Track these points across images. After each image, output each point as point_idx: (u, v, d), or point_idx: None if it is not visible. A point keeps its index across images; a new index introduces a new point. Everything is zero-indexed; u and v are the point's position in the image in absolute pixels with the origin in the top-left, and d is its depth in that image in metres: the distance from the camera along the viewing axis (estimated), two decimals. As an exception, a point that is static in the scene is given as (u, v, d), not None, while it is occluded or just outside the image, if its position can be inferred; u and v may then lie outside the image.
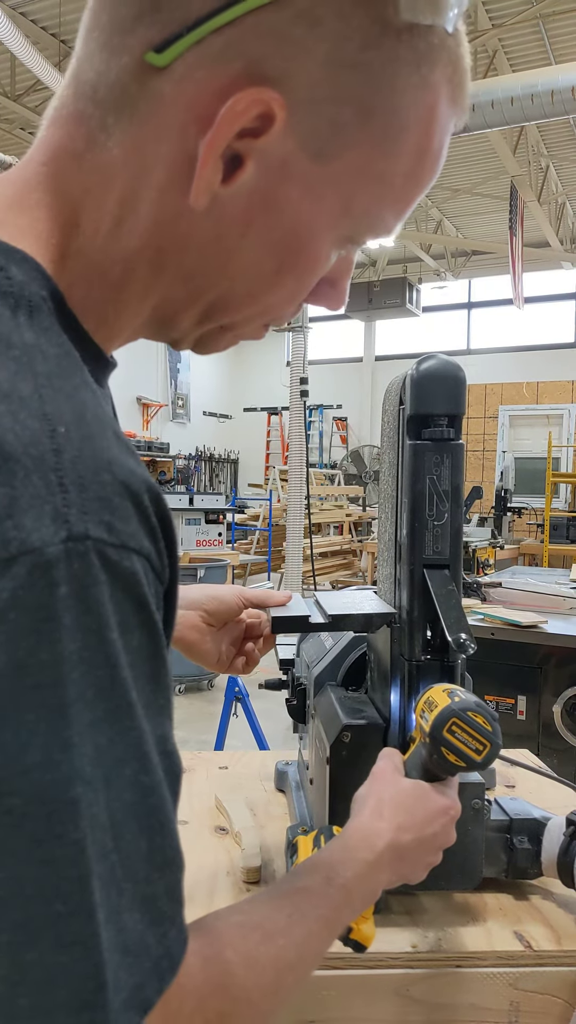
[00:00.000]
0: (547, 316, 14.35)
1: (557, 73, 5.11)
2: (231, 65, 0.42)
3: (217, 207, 0.45)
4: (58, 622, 0.35)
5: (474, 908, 0.92)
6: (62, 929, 0.35)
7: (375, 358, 16.09)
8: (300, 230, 0.47)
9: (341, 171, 0.46)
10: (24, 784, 0.34)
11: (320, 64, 0.42)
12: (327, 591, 1.04)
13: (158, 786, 0.40)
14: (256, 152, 0.44)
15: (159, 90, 0.43)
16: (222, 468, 16.84)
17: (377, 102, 0.45)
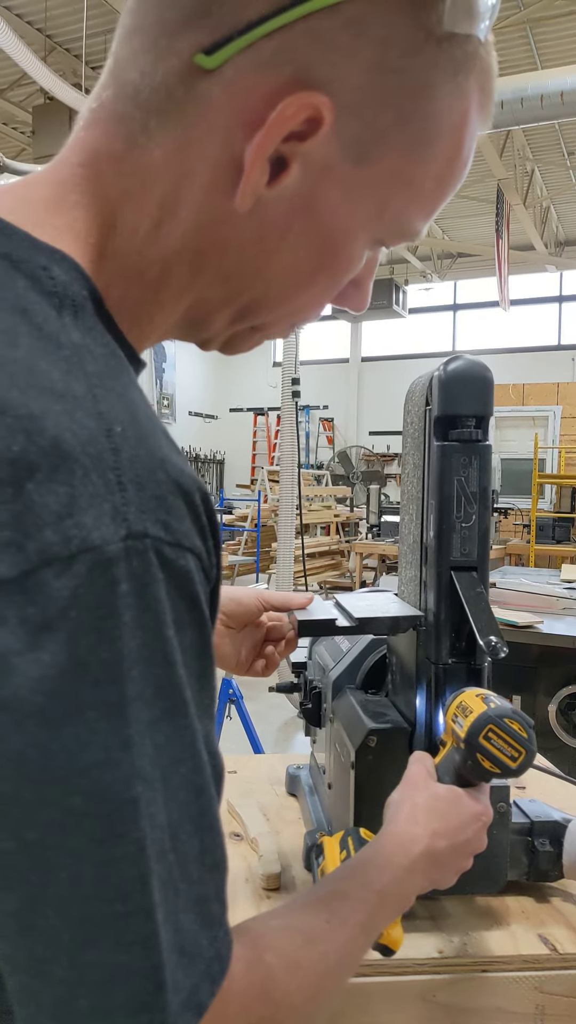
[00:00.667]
0: (531, 318, 14.45)
1: (547, 78, 5.15)
2: (281, 69, 0.42)
3: (260, 209, 0.45)
4: (119, 619, 0.34)
5: (497, 912, 0.92)
6: (122, 929, 0.35)
7: (361, 359, 16.12)
8: (337, 232, 0.48)
9: (378, 175, 0.46)
10: (85, 783, 0.34)
11: (365, 69, 0.43)
12: (346, 593, 1.04)
13: (207, 786, 0.40)
14: (301, 155, 0.44)
15: (206, 92, 0.43)
16: (208, 469, 16.79)
17: (415, 108, 0.45)
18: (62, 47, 8.17)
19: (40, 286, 0.40)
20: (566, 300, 14.40)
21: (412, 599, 0.90)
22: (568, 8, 7.20)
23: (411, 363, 15.46)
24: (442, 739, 0.77)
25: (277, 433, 16.36)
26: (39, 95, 8.27)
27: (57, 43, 8.09)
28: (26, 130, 9.55)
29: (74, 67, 8.24)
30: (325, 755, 1.07)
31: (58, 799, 0.34)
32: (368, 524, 9.49)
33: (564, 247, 13.66)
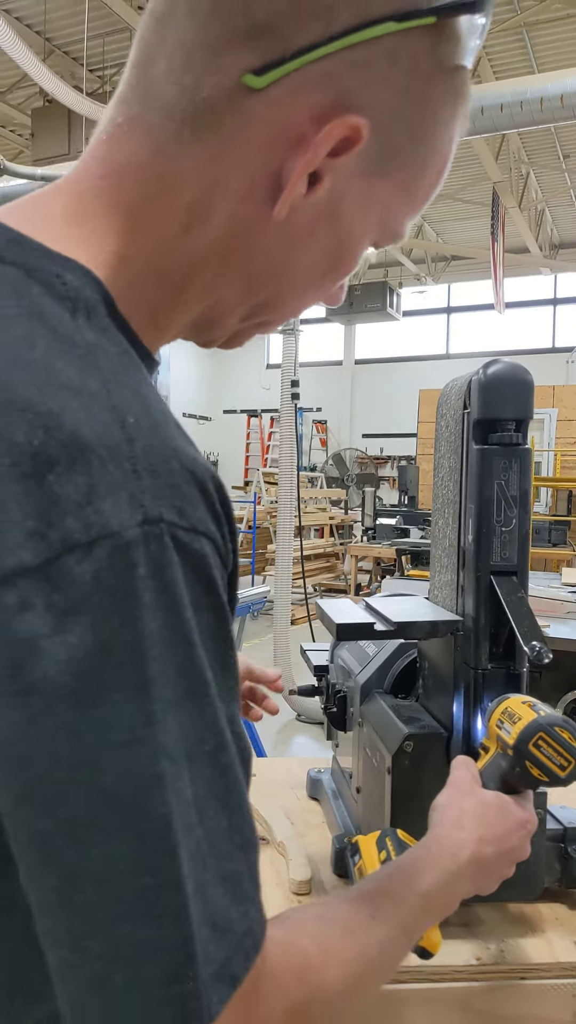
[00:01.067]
0: (526, 321, 14.50)
1: (546, 81, 5.15)
2: (325, 92, 0.45)
3: (290, 216, 0.48)
4: (139, 601, 0.36)
5: (531, 919, 0.91)
6: (152, 902, 0.36)
7: (355, 362, 16.14)
8: (350, 238, 0.52)
9: (389, 187, 0.51)
10: (112, 761, 0.36)
11: (394, 95, 0.48)
12: (377, 596, 1.03)
13: (233, 764, 0.41)
14: (332, 170, 0.48)
15: (250, 109, 0.46)
16: (201, 470, 16.75)
17: (425, 130, 0.50)
18: (60, 50, 8.15)
19: (54, 292, 0.42)
20: (560, 303, 14.46)
21: (448, 603, 0.89)
22: (565, 12, 7.23)
23: (404, 366, 15.49)
24: (483, 744, 0.76)
25: (271, 435, 16.36)
26: (38, 97, 8.26)
27: (56, 46, 8.07)
28: (24, 132, 9.52)
29: (72, 70, 8.22)
30: (352, 759, 1.07)
31: (88, 778, 0.35)
32: (363, 527, 9.49)
33: (559, 250, 13.72)
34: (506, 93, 5.31)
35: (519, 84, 5.33)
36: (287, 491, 4.86)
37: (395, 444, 15.40)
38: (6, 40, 5.24)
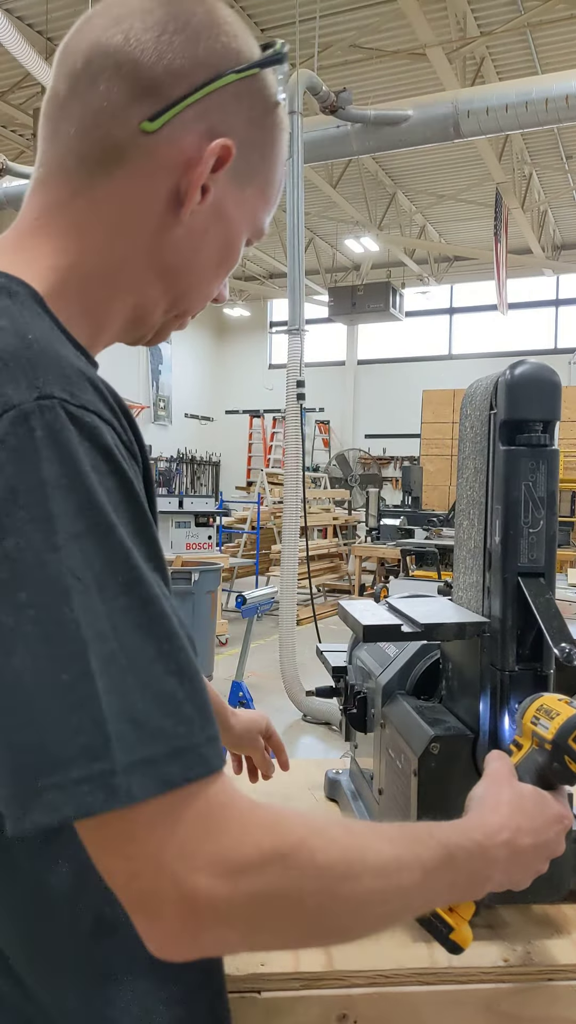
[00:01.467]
0: (527, 322, 14.50)
1: (552, 81, 5.15)
2: (201, 126, 0.62)
3: (190, 221, 0.64)
4: (38, 456, 0.46)
5: (555, 920, 0.91)
6: (68, 692, 0.44)
7: (357, 362, 16.14)
8: (233, 235, 0.68)
9: (253, 194, 0.68)
10: (26, 581, 0.45)
11: (245, 123, 0.65)
12: (397, 597, 1.03)
13: (158, 601, 0.48)
14: (215, 182, 0.64)
15: (149, 146, 0.61)
16: (204, 471, 16.77)
17: (267, 148, 0.68)
18: (62, 48, 8.15)
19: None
20: (563, 304, 14.46)
21: (473, 605, 0.89)
22: (568, 12, 7.23)
23: (407, 366, 15.48)
24: (516, 741, 0.76)
25: (273, 435, 16.36)
26: (39, 98, 8.24)
27: (57, 45, 8.07)
28: (26, 133, 9.52)
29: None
30: (373, 760, 1.07)
31: (7, 596, 0.45)
32: (367, 527, 9.49)
33: (561, 251, 13.70)
34: (511, 94, 5.31)
35: (524, 84, 5.33)
36: (292, 492, 4.85)
37: (398, 445, 15.39)
38: (8, 39, 5.24)
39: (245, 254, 7.29)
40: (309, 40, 7.00)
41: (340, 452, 14.11)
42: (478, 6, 7.38)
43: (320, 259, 14.76)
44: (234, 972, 0.80)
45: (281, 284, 15.40)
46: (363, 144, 6.11)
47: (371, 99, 7.88)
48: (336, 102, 5.49)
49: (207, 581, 5.26)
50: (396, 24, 7.45)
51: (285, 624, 4.93)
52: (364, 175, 11.03)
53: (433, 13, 7.06)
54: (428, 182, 11.63)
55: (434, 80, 7.85)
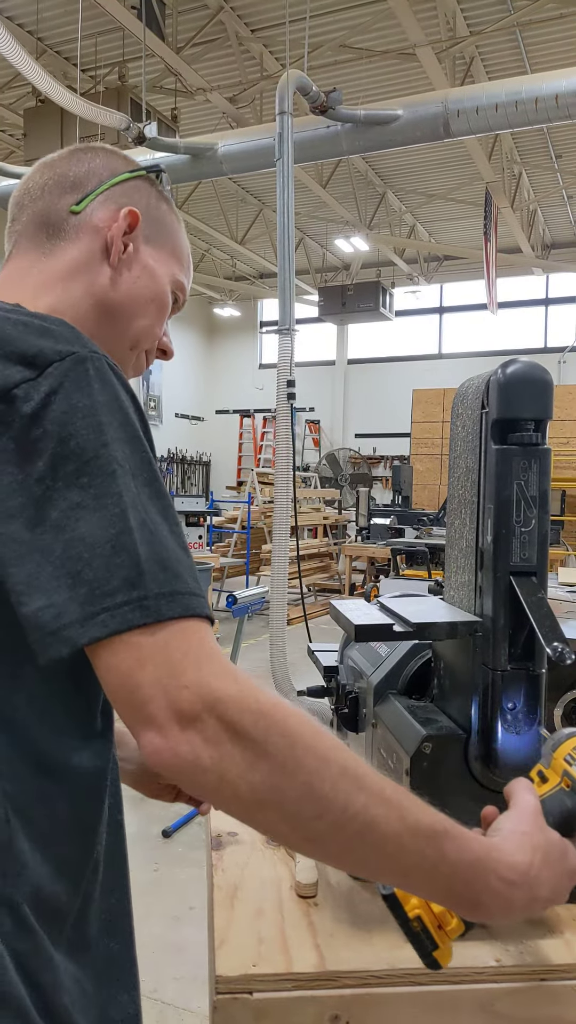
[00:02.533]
0: (517, 321, 14.54)
1: (541, 80, 5.16)
2: (113, 202, 0.86)
3: (122, 267, 0.85)
4: (91, 386, 0.63)
5: (548, 920, 0.91)
6: (116, 543, 0.58)
7: (347, 361, 16.14)
8: (158, 283, 0.88)
9: (166, 254, 0.90)
10: (86, 468, 0.60)
11: (146, 202, 0.88)
12: (388, 596, 1.02)
13: (168, 497, 0.65)
14: (132, 239, 0.86)
15: (79, 220, 0.85)
16: (194, 470, 16.74)
17: (167, 226, 0.91)
18: (52, 50, 8.12)
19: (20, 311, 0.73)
20: (552, 303, 14.51)
21: (465, 604, 0.89)
22: (558, 11, 7.25)
23: (397, 366, 15.50)
24: (542, 772, 0.75)
25: (263, 435, 16.35)
26: (30, 97, 8.20)
27: (48, 46, 8.03)
28: (16, 133, 9.46)
29: (64, 70, 8.19)
30: (364, 760, 1.06)
31: (74, 480, 0.60)
32: (357, 527, 9.49)
33: (551, 250, 13.75)
34: (500, 93, 5.32)
35: (514, 84, 5.34)
36: (283, 491, 4.85)
37: (388, 444, 15.41)
38: (3, 42, 5.20)
39: (235, 253, 7.31)
40: (299, 41, 6.99)
41: (330, 452, 14.11)
42: (467, 5, 7.39)
43: (310, 259, 14.75)
44: (226, 973, 0.80)
45: (271, 284, 15.39)
46: (353, 144, 6.11)
47: (361, 99, 7.88)
48: (326, 102, 5.48)
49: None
50: (386, 24, 7.45)
51: (275, 624, 4.92)
52: (354, 175, 11.03)
53: (423, 13, 7.06)
54: (418, 182, 11.64)
55: (424, 80, 7.86)
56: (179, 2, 7.39)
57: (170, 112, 8.33)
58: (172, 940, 2.61)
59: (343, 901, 0.94)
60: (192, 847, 3.40)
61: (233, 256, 14.56)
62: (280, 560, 4.82)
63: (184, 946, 2.59)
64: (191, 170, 7.07)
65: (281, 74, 4.85)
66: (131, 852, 0.82)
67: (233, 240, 13.08)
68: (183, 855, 3.33)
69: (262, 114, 8.63)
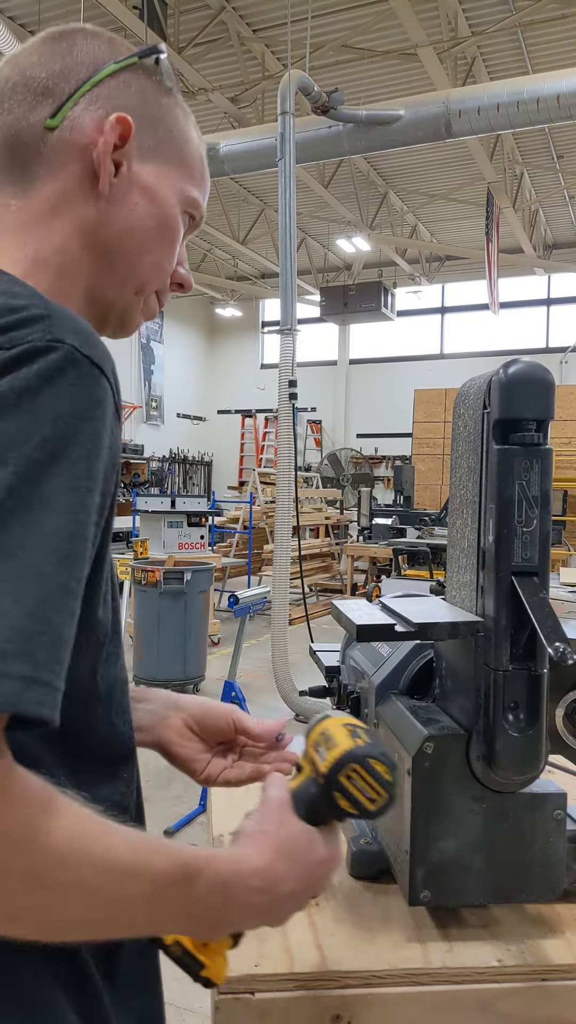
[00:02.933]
0: (519, 321, 14.53)
1: (543, 80, 5.16)
2: (96, 110, 0.71)
3: (114, 194, 0.71)
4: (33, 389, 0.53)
5: (548, 919, 0.91)
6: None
7: (349, 361, 16.14)
8: (163, 206, 0.74)
9: (173, 169, 0.75)
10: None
11: (139, 103, 0.73)
12: (390, 596, 1.02)
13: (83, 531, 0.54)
14: (126, 156, 0.72)
15: (55, 141, 0.70)
16: (196, 470, 16.75)
17: (172, 124, 0.76)
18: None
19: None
20: (555, 303, 14.50)
21: (466, 604, 0.89)
22: (560, 11, 7.24)
23: (399, 366, 15.49)
24: (299, 763, 0.72)
25: (265, 435, 16.35)
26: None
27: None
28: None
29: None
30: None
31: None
32: (359, 527, 9.49)
33: (553, 250, 13.74)
34: (502, 93, 5.32)
35: (515, 84, 5.34)
36: (285, 491, 4.85)
37: (390, 444, 15.41)
38: (1, 40, 5.21)
39: (236, 253, 7.32)
40: (300, 41, 6.99)
41: (332, 452, 14.11)
42: (469, 6, 7.39)
43: (312, 259, 14.75)
44: (228, 973, 0.80)
45: (272, 284, 15.39)
46: (355, 144, 6.11)
47: (362, 99, 7.88)
48: (328, 102, 5.49)
49: (199, 581, 5.25)
50: (387, 24, 7.45)
51: (277, 624, 4.92)
52: (356, 175, 11.03)
53: (424, 13, 7.06)
54: (419, 182, 11.64)
55: (425, 80, 7.86)
56: (181, 2, 7.39)
57: (172, 112, 8.34)
58: (174, 940, 2.61)
59: (344, 901, 0.94)
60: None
61: (235, 256, 14.56)
62: (282, 560, 4.82)
63: (185, 946, 2.59)
64: (193, 170, 7.07)
65: (283, 74, 4.86)
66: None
67: (235, 240, 13.08)
68: (185, 855, 3.33)
69: (263, 114, 8.63)
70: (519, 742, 0.83)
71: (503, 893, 0.89)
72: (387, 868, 0.97)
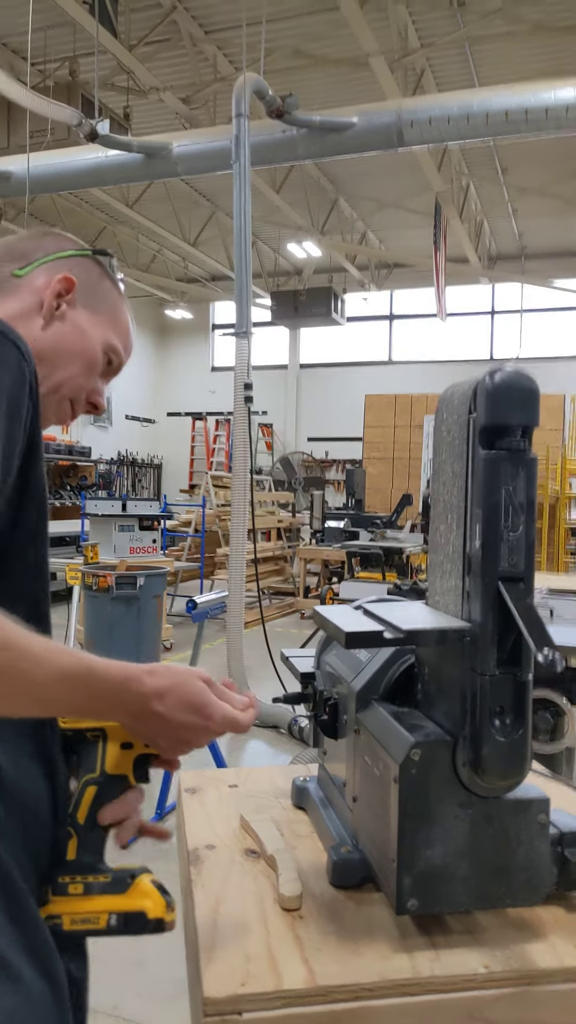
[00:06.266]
0: (465, 331, 14.79)
1: (492, 94, 5.27)
2: (52, 270, 1.01)
3: (55, 321, 1.00)
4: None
5: (531, 923, 0.91)
6: None
7: (300, 366, 16.20)
8: (90, 343, 1.02)
9: (103, 320, 1.04)
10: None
11: (85, 277, 1.04)
12: (371, 602, 1.02)
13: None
14: (65, 300, 1.00)
15: (19, 283, 1.00)
16: (145, 473, 16.56)
17: (106, 296, 1.05)
18: (0, 42, 7.96)
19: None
20: (498, 313, 14.80)
21: (451, 609, 0.89)
22: (506, 28, 7.41)
23: (349, 371, 15.61)
24: None
25: (216, 438, 16.27)
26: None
27: (13, 51, 7.88)
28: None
29: (12, 62, 8.04)
30: (346, 768, 1.05)
31: None
32: (312, 530, 9.51)
33: (497, 261, 14.04)
34: (453, 106, 5.41)
35: (466, 97, 5.44)
36: (240, 494, 4.82)
37: (341, 448, 15.50)
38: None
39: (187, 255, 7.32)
40: (255, 44, 6.99)
41: (284, 455, 14.11)
42: (419, 18, 7.50)
43: (263, 263, 14.76)
44: (214, 994, 0.78)
45: (223, 287, 15.35)
46: (309, 149, 6.14)
47: (315, 106, 7.91)
48: (282, 107, 5.50)
49: (153, 586, 5.18)
50: (340, 32, 7.51)
51: (232, 627, 4.89)
52: (307, 181, 11.08)
53: (376, 23, 7.14)
54: (369, 189, 11.76)
55: (376, 89, 7.94)
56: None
57: (122, 110, 8.25)
58: (132, 955, 2.56)
59: (328, 913, 0.93)
60: (150, 859, 3.33)
61: (185, 258, 14.47)
62: (237, 563, 4.80)
63: (144, 960, 2.54)
64: (144, 169, 7.01)
65: (235, 77, 4.85)
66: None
67: (185, 242, 13.01)
68: (141, 865, 3.28)
69: (215, 116, 8.61)
70: (505, 747, 0.83)
71: (489, 898, 0.89)
72: (369, 876, 0.97)
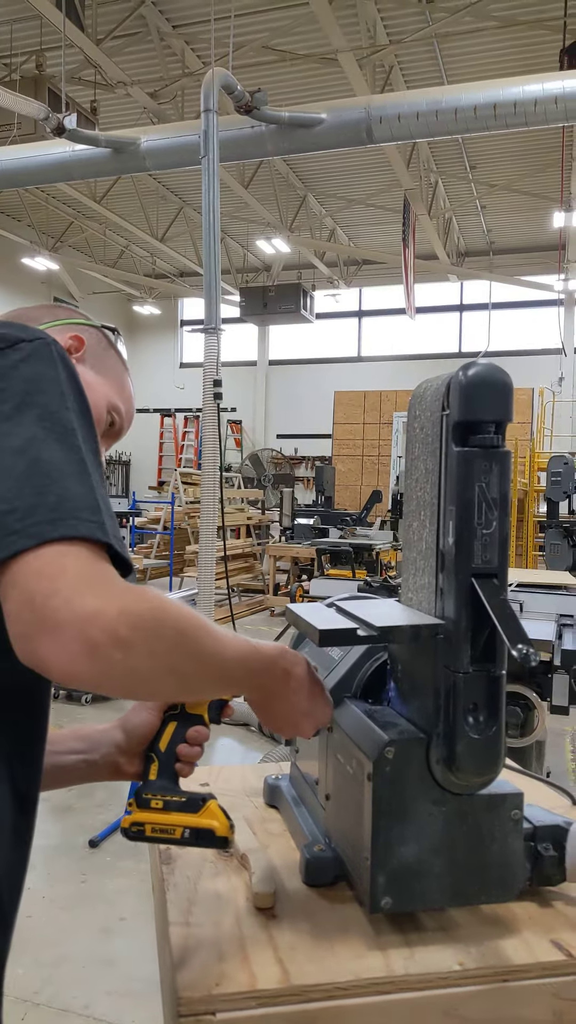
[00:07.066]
0: (434, 327, 14.90)
1: (461, 91, 5.29)
2: (63, 331, 1.04)
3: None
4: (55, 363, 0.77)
5: (505, 919, 0.91)
6: (81, 474, 0.72)
7: (269, 362, 16.17)
8: (93, 395, 0.95)
9: (109, 383, 1.07)
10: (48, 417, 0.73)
11: (95, 344, 1.07)
12: (343, 599, 1.01)
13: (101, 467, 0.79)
14: (76, 359, 1.03)
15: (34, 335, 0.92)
16: (113, 470, 16.41)
17: (112, 364, 1.10)
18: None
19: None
20: (467, 309, 14.93)
21: (424, 606, 0.88)
22: (474, 25, 7.46)
23: (318, 367, 15.62)
24: None
25: (185, 435, 16.19)
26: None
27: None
28: None
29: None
30: (318, 766, 1.05)
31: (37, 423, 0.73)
32: (281, 527, 9.50)
33: (465, 257, 14.15)
34: (422, 102, 5.43)
35: (435, 93, 5.45)
36: (210, 491, 4.80)
37: (310, 445, 15.52)
38: None
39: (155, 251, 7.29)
40: (223, 39, 6.95)
41: (253, 452, 14.08)
42: (388, 15, 7.52)
43: (231, 259, 14.70)
44: (188, 994, 0.77)
45: (192, 283, 15.25)
46: (278, 145, 6.12)
47: (283, 102, 7.90)
48: (251, 102, 5.47)
49: (122, 584, 5.12)
50: (308, 28, 7.49)
51: (203, 626, 4.86)
52: (275, 177, 11.05)
53: (345, 19, 7.14)
54: (338, 186, 11.77)
55: (345, 86, 7.95)
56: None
57: (89, 104, 8.15)
58: (102, 953, 2.54)
59: (301, 912, 0.92)
60: (120, 856, 3.32)
61: (153, 253, 14.35)
62: (207, 561, 4.77)
63: (115, 959, 2.52)
64: (112, 164, 6.93)
65: (203, 72, 4.81)
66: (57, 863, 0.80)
67: (153, 237, 12.90)
68: (111, 864, 3.25)
69: (183, 111, 8.54)
70: (479, 744, 0.83)
71: (463, 895, 0.89)
72: (342, 875, 0.96)
